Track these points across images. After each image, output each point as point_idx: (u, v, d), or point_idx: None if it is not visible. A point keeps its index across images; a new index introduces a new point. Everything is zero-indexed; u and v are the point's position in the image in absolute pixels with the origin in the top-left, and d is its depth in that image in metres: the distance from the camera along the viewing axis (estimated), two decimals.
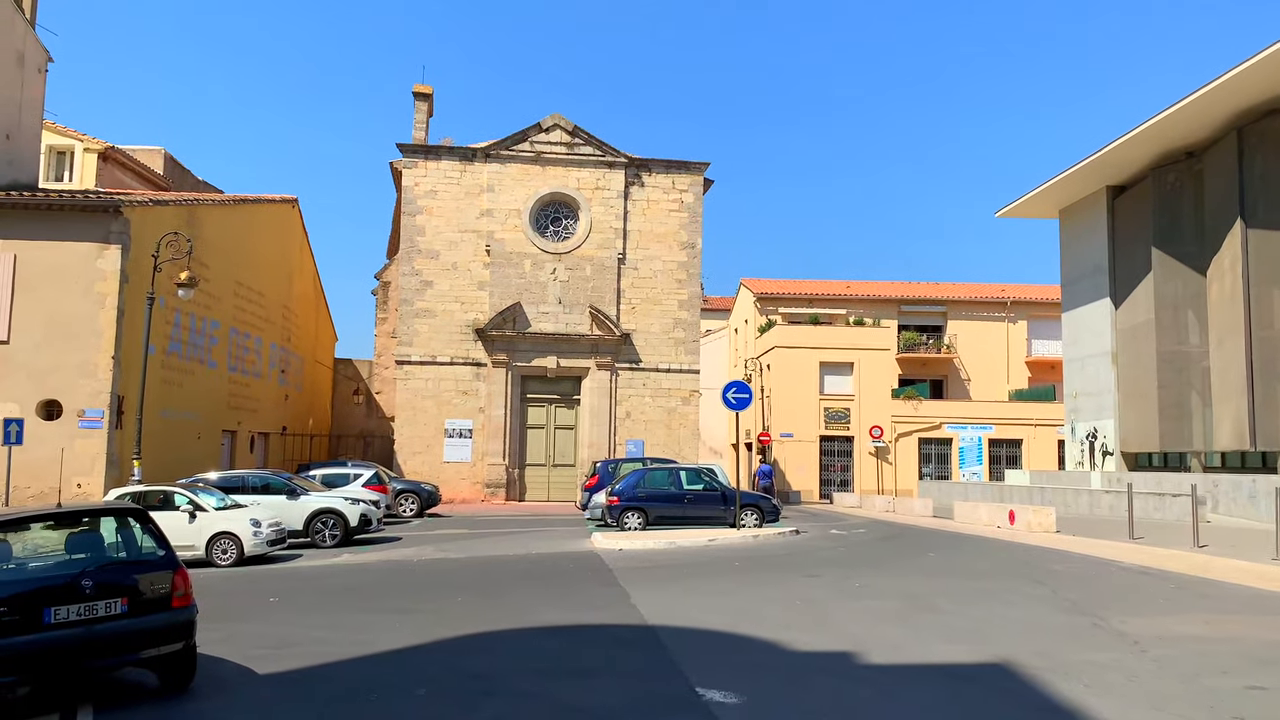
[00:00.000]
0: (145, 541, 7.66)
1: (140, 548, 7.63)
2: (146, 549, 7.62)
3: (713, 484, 22.06)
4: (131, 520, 7.71)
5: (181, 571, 7.58)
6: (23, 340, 21.74)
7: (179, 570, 7.56)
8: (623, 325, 34.73)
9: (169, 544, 7.71)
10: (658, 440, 34.77)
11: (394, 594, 13.39)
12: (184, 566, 7.66)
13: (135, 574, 7.34)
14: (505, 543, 20.40)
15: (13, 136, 29.38)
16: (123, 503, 8.20)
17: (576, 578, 14.58)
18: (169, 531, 18.33)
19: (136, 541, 7.66)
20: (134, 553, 7.60)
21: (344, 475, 26.85)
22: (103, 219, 22.16)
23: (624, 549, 18.30)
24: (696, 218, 35.85)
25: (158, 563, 7.51)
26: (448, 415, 34.17)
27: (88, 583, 6.95)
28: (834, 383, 44.24)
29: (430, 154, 35.06)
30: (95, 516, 7.77)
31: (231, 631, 10.42)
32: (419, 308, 34.34)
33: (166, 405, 24.89)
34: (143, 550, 7.62)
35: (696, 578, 14.34)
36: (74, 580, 6.92)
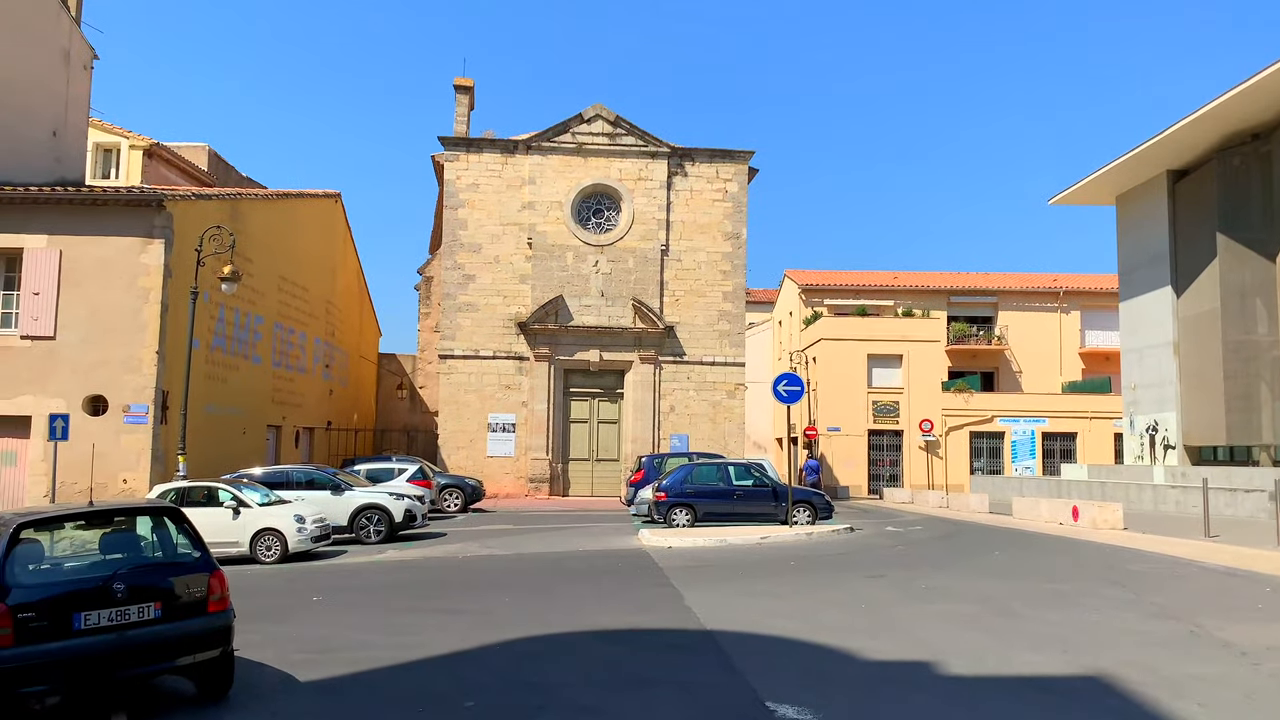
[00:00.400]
0: (180, 542, 7.25)
1: (175, 549, 7.23)
2: (181, 550, 7.22)
3: (763, 479, 21.44)
4: (166, 519, 7.31)
5: (218, 574, 7.16)
6: (69, 336, 21.68)
7: (215, 572, 7.14)
8: (666, 318, 34.16)
9: (204, 545, 7.30)
10: (702, 435, 34.17)
11: (440, 593, 12.98)
12: (220, 569, 7.24)
13: (169, 577, 6.94)
14: (551, 539, 19.97)
15: (59, 134, 29.49)
16: (156, 500, 7.77)
17: (627, 577, 14.07)
18: (212, 528, 18.32)
19: (171, 542, 7.26)
20: (168, 554, 7.21)
21: (388, 470, 26.60)
22: (146, 213, 22.03)
23: (673, 546, 17.77)
24: (741, 207, 35.14)
25: (193, 564, 7.10)
26: (491, 409, 33.85)
27: (119, 586, 6.55)
28: (882, 375, 43.31)
29: (471, 147, 34.73)
30: (128, 515, 7.39)
31: (273, 633, 10.04)
32: (461, 302, 34.04)
33: (211, 400, 24.78)
34: (178, 551, 7.22)
35: (751, 578, 13.76)
36: (105, 583, 6.53)
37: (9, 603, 6.22)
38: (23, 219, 21.83)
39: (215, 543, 17.99)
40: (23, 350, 21.62)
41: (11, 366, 21.53)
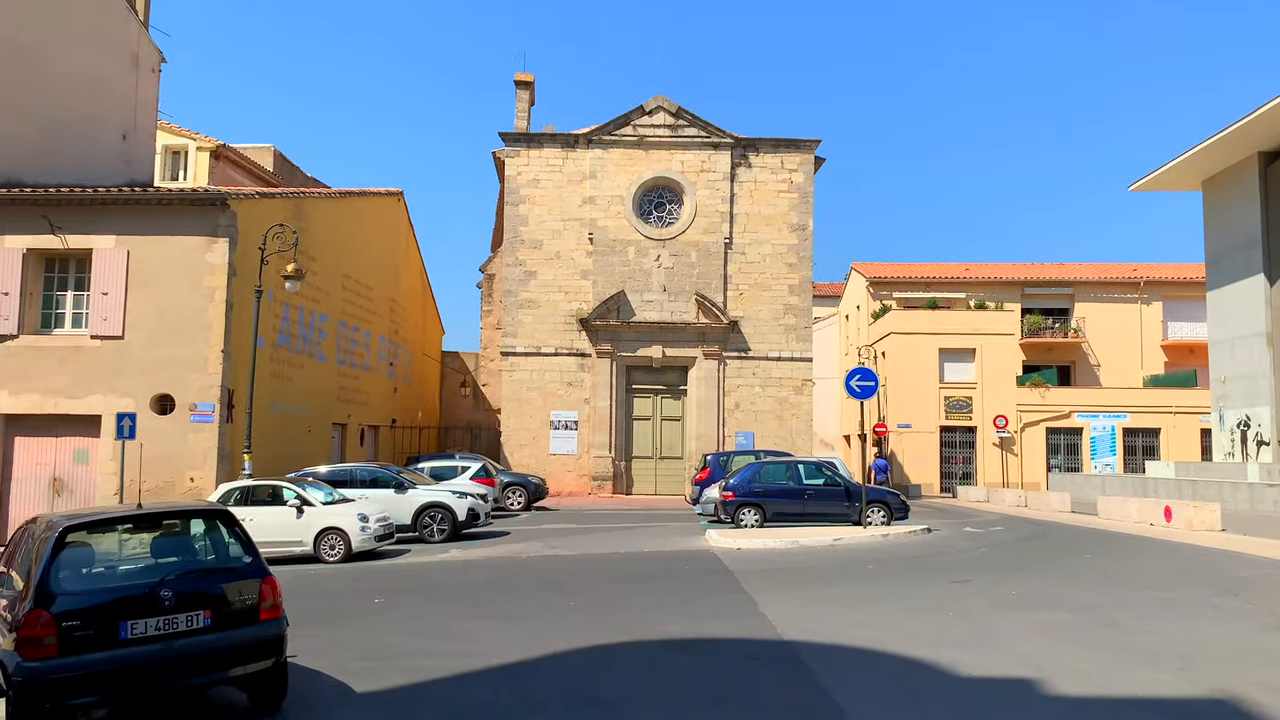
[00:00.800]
0: (231, 546, 6.90)
1: (225, 553, 6.88)
2: (232, 555, 6.86)
3: (834, 478, 20.69)
4: (217, 522, 6.96)
5: (270, 580, 6.79)
6: (136, 335, 21.83)
7: (267, 578, 6.77)
8: (730, 312, 33.46)
9: (256, 549, 6.93)
10: (768, 432, 33.40)
11: (503, 596, 12.56)
12: (272, 574, 6.87)
13: (220, 583, 6.59)
14: (616, 539, 19.49)
15: (129, 136, 29.90)
16: (206, 503, 7.45)
17: (696, 580, 13.50)
18: (276, 527, 18.23)
19: (221, 546, 6.91)
20: (218, 559, 6.86)
21: (451, 468, 26.42)
22: (210, 213, 22.09)
23: (742, 548, 17.15)
24: (807, 198, 34.26)
25: (244, 570, 6.74)
26: (553, 407, 33.53)
27: (167, 594, 6.21)
28: (954, 370, 42.06)
29: (532, 142, 34.43)
30: (177, 518, 7.06)
31: (332, 638, 9.69)
32: (523, 298, 33.78)
33: (276, 398, 24.82)
34: (228, 556, 6.86)
35: (827, 582, 13.09)
36: (152, 591, 6.19)
37: (54, 611, 5.91)
38: (92, 220, 22.04)
39: (279, 541, 17.97)
40: (93, 350, 21.82)
41: (82, 366, 21.75)
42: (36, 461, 21.98)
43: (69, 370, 21.75)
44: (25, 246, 21.96)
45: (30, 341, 21.87)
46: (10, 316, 21.80)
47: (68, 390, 21.70)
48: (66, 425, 21.86)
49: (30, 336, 21.93)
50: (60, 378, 21.73)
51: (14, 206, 21.95)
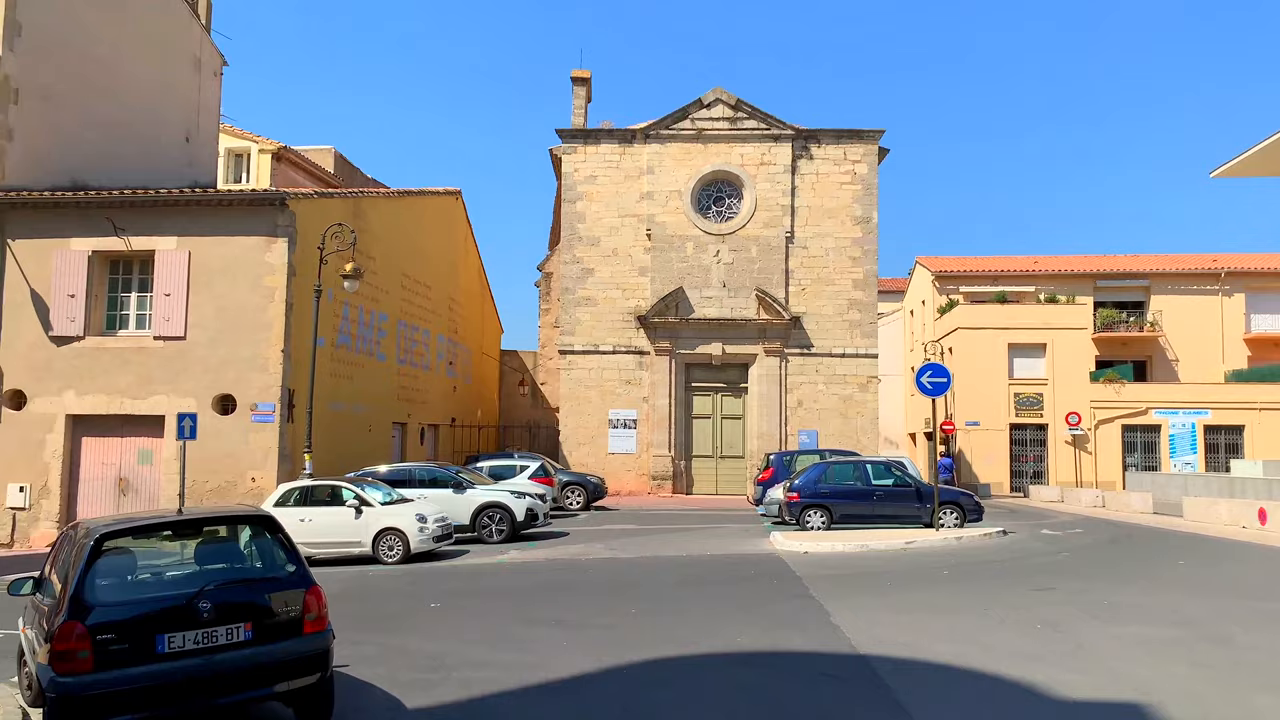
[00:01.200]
0: (274, 554, 6.54)
1: (268, 562, 6.52)
2: (275, 563, 6.50)
3: (904, 478, 19.91)
4: (260, 528, 6.61)
5: (315, 590, 6.42)
6: (198, 335, 21.94)
7: (311, 588, 6.40)
8: (792, 308, 32.72)
9: (301, 557, 6.57)
10: (832, 430, 32.59)
11: (562, 601, 12.14)
12: (318, 584, 6.49)
13: (261, 594, 6.23)
14: (677, 540, 18.99)
15: (192, 139, 30.28)
16: (249, 508, 7.11)
17: (762, 586, 12.94)
18: (335, 527, 18.08)
19: (264, 554, 6.56)
20: (260, 568, 6.51)
21: (510, 467, 26.18)
22: (269, 213, 22.10)
23: (809, 552, 16.52)
24: (871, 190, 33.36)
25: (287, 580, 6.37)
26: (611, 405, 33.13)
27: (205, 605, 5.87)
28: (1024, 366, 40.71)
29: (589, 138, 34.07)
30: (218, 524, 6.73)
31: (386, 645, 9.36)
32: (580, 296, 33.45)
33: (336, 398, 24.81)
34: (271, 565, 6.50)
35: (901, 589, 12.43)
36: (190, 602, 5.85)
37: (88, 623, 5.60)
38: (154, 222, 22.20)
39: (338, 542, 17.84)
40: (156, 350, 21.98)
41: (146, 367, 21.91)
42: (103, 462, 22.23)
43: (133, 371, 21.94)
44: (91, 249, 22.20)
45: (96, 343, 22.11)
46: (77, 318, 22.06)
47: (132, 391, 21.89)
48: (131, 426, 22.07)
49: (96, 338, 22.17)
50: (125, 378, 21.93)
51: (79, 209, 22.21)
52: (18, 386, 22.10)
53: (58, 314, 22.08)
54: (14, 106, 22.84)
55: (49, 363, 22.05)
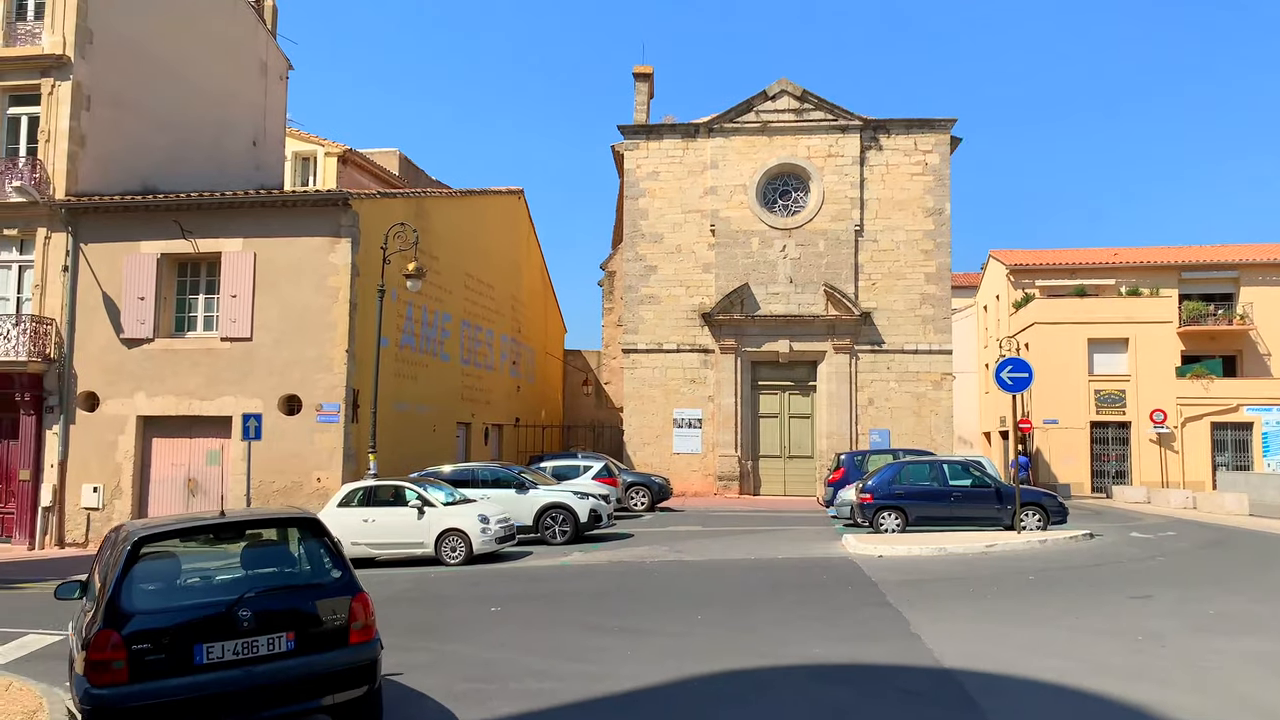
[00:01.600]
0: (319, 559, 6.18)
1: (313, 567, 6.16)
2: (321, 569, 6.14)
3: (984, 479, 19.03)
4: (304, 531, 6.26)
5: (361, 597, 6.04)
6: (264, 336, 22.04)
7: (358, 595, 6.02)
8: (862, 304, 31.82)
9: (347, 562, 6.19)
10: (905, 429, 31.61)
11: (625, 606, 11.68)
12: (364, 591, 6.11)
13: (305, 601, 5.87)
14: (745, 543, 18.41)
15: (259, 143, 30.60)
16: (294, 510, 6.77)
17: (836, 593, 12.31)
18: (398, 528, 17.89)
19: (308, 559, 6.21)
20: (304, 574, 6.16)
21: (574, 467, 25.85)
22: (332, 213, 22.10)
23: (884, 556, 15.80)
24: (943, 180, 32.29)
25: (332, 586, 6.01)
26: (676, 405, 32.61)
27: (245, 614, 5.52)
28: (1104, 361, 39.16)
29: (651, 134, 33.61)
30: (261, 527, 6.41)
31: (443, 653, 9.00)
32: (643, 294, 33.00)
33: (401, 398, 24.76)
34: (315, 570, 6.14)
35: (986, 596, 11.69)
36: (230, 610, 5.51)
37: (124, 633, 5.29)
38: (220, 224, 22.35)
39: (400, 543, 17.67)
40: (223, 351, 22.12)
41: (213, 368, 22.07)
42: (173, 463, 22.46)
43: (201, 372, 22.12)
44: (159, 251, 22.45)
45: (165, 345, 22.34)
46: (146, 320, 22.32)
47: (200, 392, 22.07)
48: (200, 426, 22.26)
49: (165, 340, 22.40)
50: (193, 379, 22.12)
51: (148, 213, 22.47)
52: (91, 389, 22.45)
53: (128, 316, 22.37)
54: (86, 113, 23.23)
55: (120, 365, 22.35)
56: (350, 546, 17.73)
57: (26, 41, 23.33)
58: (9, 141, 23.37)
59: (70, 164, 22.79)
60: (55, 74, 22.92)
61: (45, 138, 22.81)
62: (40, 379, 22.44)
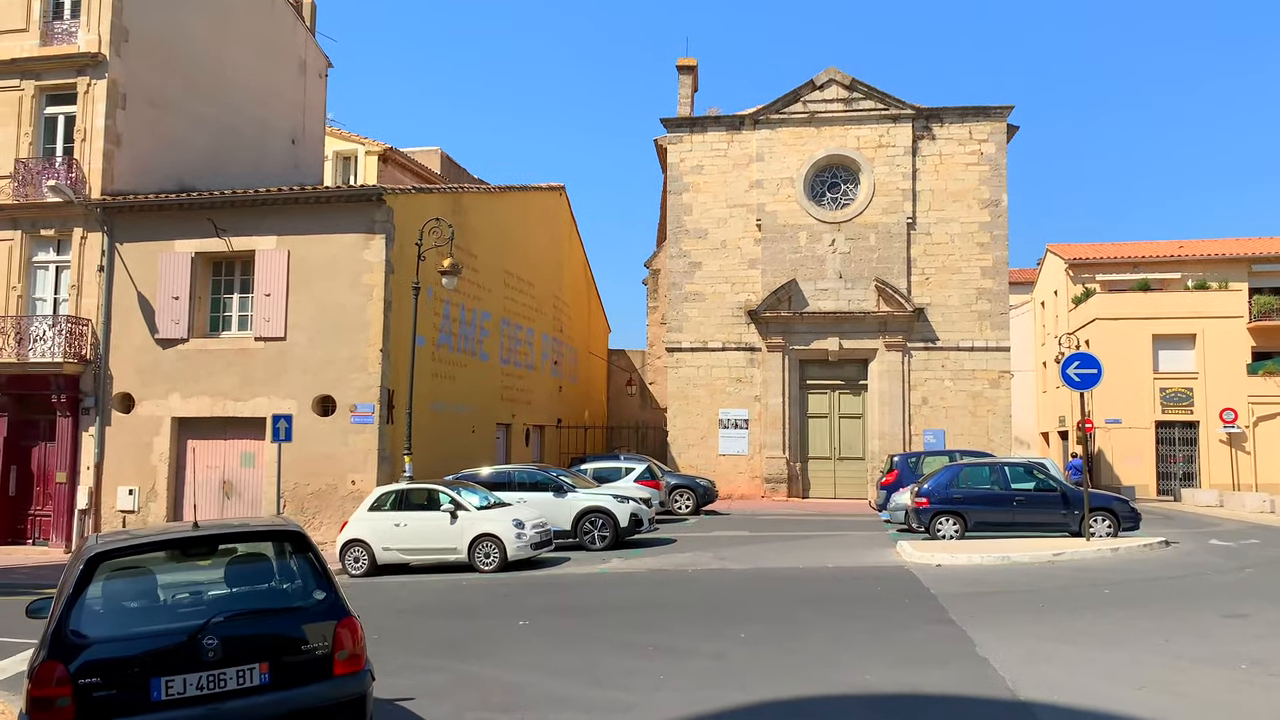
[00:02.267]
0: (302, 578, 5.43)
1: (294, 587, 5.42)
2: (302, 589, 5.39)
3: (1048, 482, 17.86)
4: (286, 546, 5.52)
5: (349, 622, 5.28)
6: (298, 336, 21.58)
7: (345, 620, 5.26)
8: (915, 299, 30.63)
9: (333, 581, 5.44)
10: (960, 430, 30.34)
11: (663, 621, 10.85)
12: (353, 615, 5.35)
13: (283, 627, 5.13)
14: (793, 550, 17.46)
15: (298, 141, 30.29)
16: (276, 522, 6.02)
17: (892, 607, 11.34)
18: (430, 533, 17.18)
19: (289, 579, 5.46)
20: (284, 595, 5.41)
21: (616, 469, 25.07)
22: (366, 209, 21.57)
23: (943, 564, 14.76)
24: (999, 170, 30.97)
25: (316, 609, 5.26)
26: (721, 405, 31.68)
27: (211, 642, 4.79)
28: (1170, 358, 37.51)
29: (695, 126, 32.74)
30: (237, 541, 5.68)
31: (459, 674, 8.25)
32: (687, 291, 32.12)
33: (438, 398, 24.19)
34: (297, 591, 5.40)
35: (1058, 612, 10.65)
36: (194, 638, 4.78)
37: (71, 665, 4.58)
38: (254, 221, 21.93)
39: (432, 549, 17.01)
40: (257, 351, 21.69)
41: (247, 368, 21.65)
42: (208, 465, 22.09)
43: (235, 373, 21.71)
44: (194, 250, 22.09)
45: (199, 345, 21.97)
46: (181, 320, 21.97)
47: (234, 393, 21.65)
48: (234, 428, 21.85)
49: (199, 340, 22.04)
50: (227, 380, 21.72)
51: (182, 211, 22.13)
52: (126, 390, 22.16)
53: (163, 316, 22.05)
54: (122, 112, 22.97)
55: (155, 365, 22.03)
56: (382, 552, 17.18)
57: (63, 40, 23.15)
58: (46, 141, 23.21)
59: (106, 163, 22.53)
60: (91, 72, 22.69)
61: (81, 137, 22.60)
62: (76, 380, 22.21)
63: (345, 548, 17.32)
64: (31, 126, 23.07)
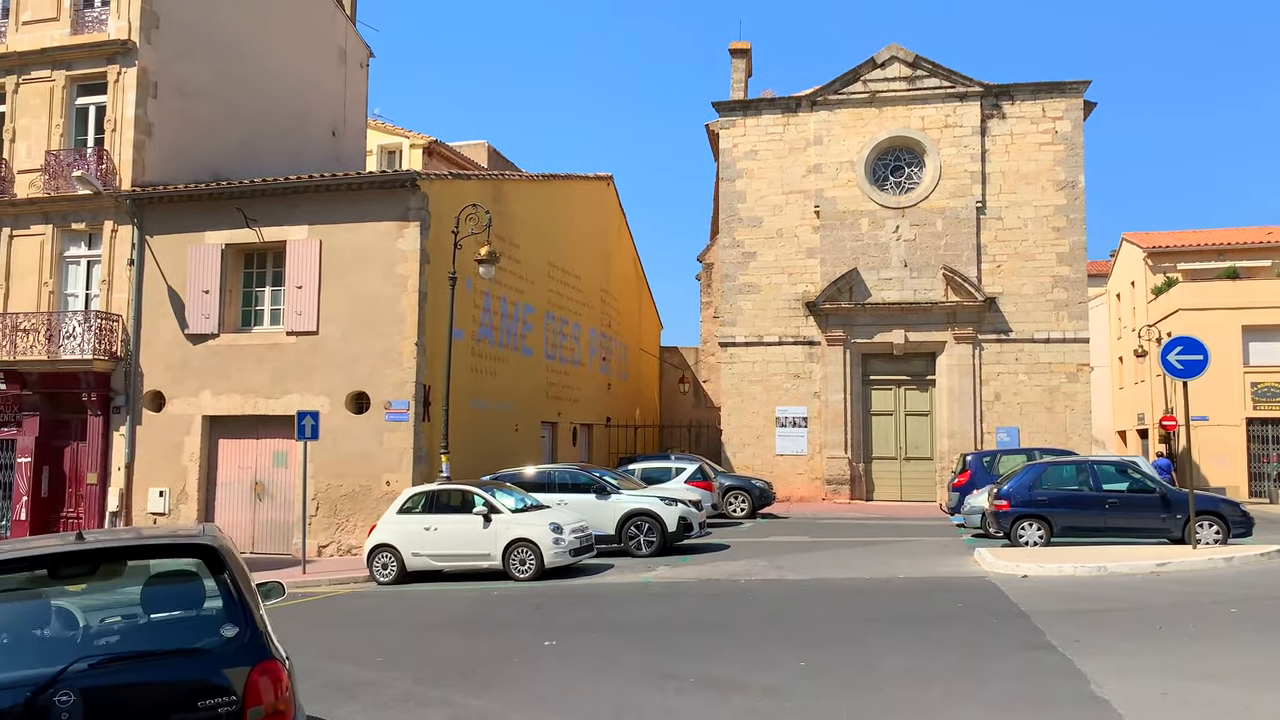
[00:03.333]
0: (209, 609, 4.11)
1: (196, 621, 4.09)
2: (208, 623, 4.07)
3: (1144, 482, 16.00)
4: (189, 567, 4.20)
5: (269, 667, 3.95)
6: (330, 330, 20.57)
7: (264, 663, 3.93)
8: (985, 288, 28.66)
9: (251, 612, 4.11)
10: (1036, 427, 28.31)
11: (709, 642, 9.41)
12: (275, 658, 4.01)
13: (173, 674, 3.81)
14: (857, 557, 15.87)
15: (338, 133, 29.41)
16: (181, 535, 4.65)
17: (977, 628, 9.74)
18: (461, 538, 15.74)
19: (192, 609, 4.14)
20: (181, 631, 4.09)
21: (665, 470, 23.65)
22: (400, 195, 20.47)
23: (1030, 576, 13.07)
24: (1076, 150, 28.88)
25: (222, 651, 3.93)
26: (778, 402, 30.02)
27: (65, 699, 3.50)
28: (1262, 351, 34.92)
29: (749, 109, 31.17)
30: (128, 558, 4.38)
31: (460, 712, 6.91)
32: (741, 283, 30.56)
33: (478, 395, 23.02)
34: (199, 626, 4.08)
35: (1178, 635, 8.96)
36: (41, 694, 3.47)
37: None
38: (285, 211, 20.96)
39: (465, 554, 15.75)
40: (289, 346, 20.72)
41: (279, 364, 20.69)
42: (239, 465, 21.18)
43: (267, 369, 20.75)
44: (224, 242, 21.20)
45: (230, 340, 21.07)
46: (211, 315, 21.09)
47: (266, 390, 20.70)
48: (266, 427, 20.89)
49: (230, 335, 21.13)
50: (259, 377, 20.77)
51: (212, 201, 21.25)
52: (157, 388, 21.35)
53: (193, 311, 21.20)
54: (153, 100, 22.20)
55: (185, 362, 21.19)
56: (411, 557, 16.02)
57: (94, 28, 22.47)
58: (78, 133, 22.57)
59: (137, 154, 21.77)
60: (121, 60, 21.96)
61: (111, 127, 21.88)
62: (107, 378, 21.47)
63: (373, 553, 16.21)
64: (62, 118, 22.43)
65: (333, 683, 8.12)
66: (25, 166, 22.42)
